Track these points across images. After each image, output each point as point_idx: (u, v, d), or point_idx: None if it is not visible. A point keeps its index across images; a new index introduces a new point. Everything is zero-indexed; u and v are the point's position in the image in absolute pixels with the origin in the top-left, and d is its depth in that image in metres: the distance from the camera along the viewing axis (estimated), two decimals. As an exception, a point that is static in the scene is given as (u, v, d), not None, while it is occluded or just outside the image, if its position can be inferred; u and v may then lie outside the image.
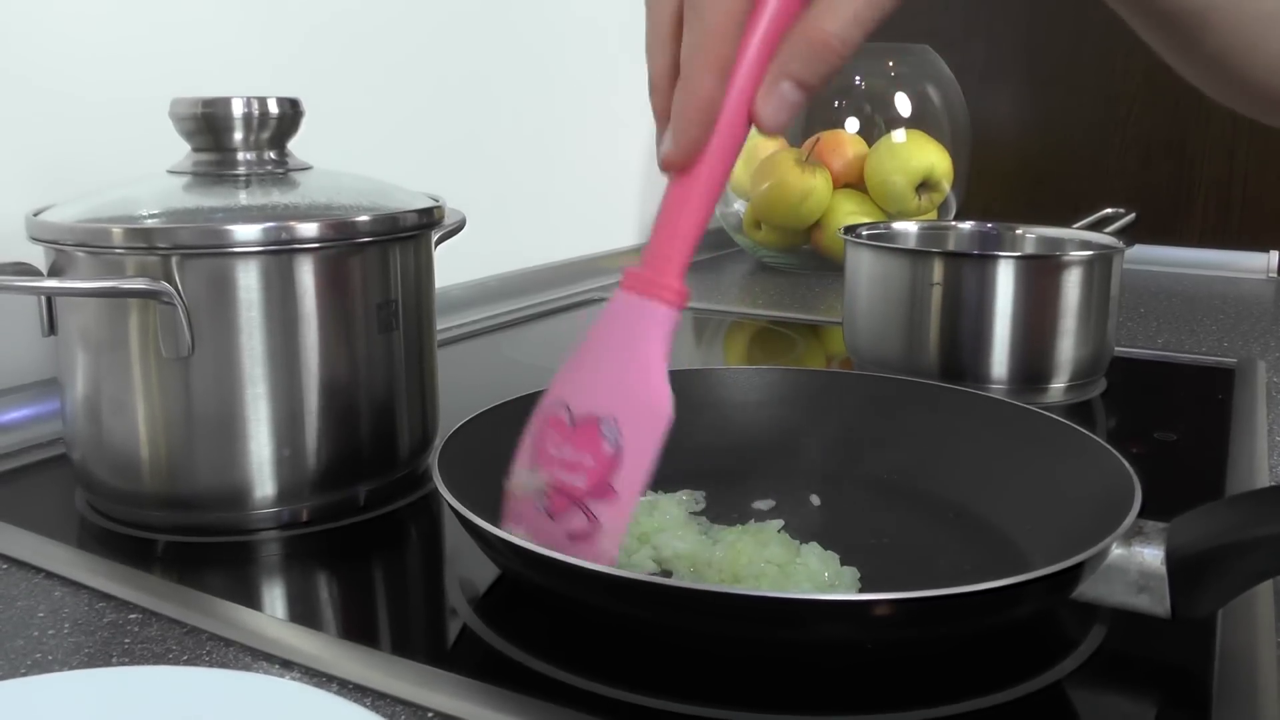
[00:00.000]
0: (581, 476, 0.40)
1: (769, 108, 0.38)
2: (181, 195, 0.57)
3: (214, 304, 0.53)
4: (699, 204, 0.39)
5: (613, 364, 0.41)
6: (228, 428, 0.54)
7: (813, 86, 0.38)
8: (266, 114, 0.58)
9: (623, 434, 0.40)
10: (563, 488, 0.41)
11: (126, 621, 0.47)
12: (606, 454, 0.40)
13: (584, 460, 0.40)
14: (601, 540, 0.41)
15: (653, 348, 0.40)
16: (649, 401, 0.40)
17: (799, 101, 0.38)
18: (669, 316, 0.40)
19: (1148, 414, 0.80)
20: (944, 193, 1.30)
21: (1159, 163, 1.48)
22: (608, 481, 0.40)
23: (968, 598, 0.37)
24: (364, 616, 0.50)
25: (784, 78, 0.38)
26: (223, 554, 0.54)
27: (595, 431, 0.40)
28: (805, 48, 0.38)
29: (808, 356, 0.98)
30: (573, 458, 0.41)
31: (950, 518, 0.55)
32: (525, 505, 0.43)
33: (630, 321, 0.40)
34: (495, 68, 1.12)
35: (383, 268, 0.58)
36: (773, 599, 0.39)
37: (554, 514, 0.41)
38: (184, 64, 0.80)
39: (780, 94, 0.38)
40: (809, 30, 0.38)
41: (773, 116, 0.38)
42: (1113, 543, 0.42)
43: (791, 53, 0.38)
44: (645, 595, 0.39)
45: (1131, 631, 0.45)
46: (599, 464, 0.40)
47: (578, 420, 0.41)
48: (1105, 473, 0.49)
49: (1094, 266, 0.77)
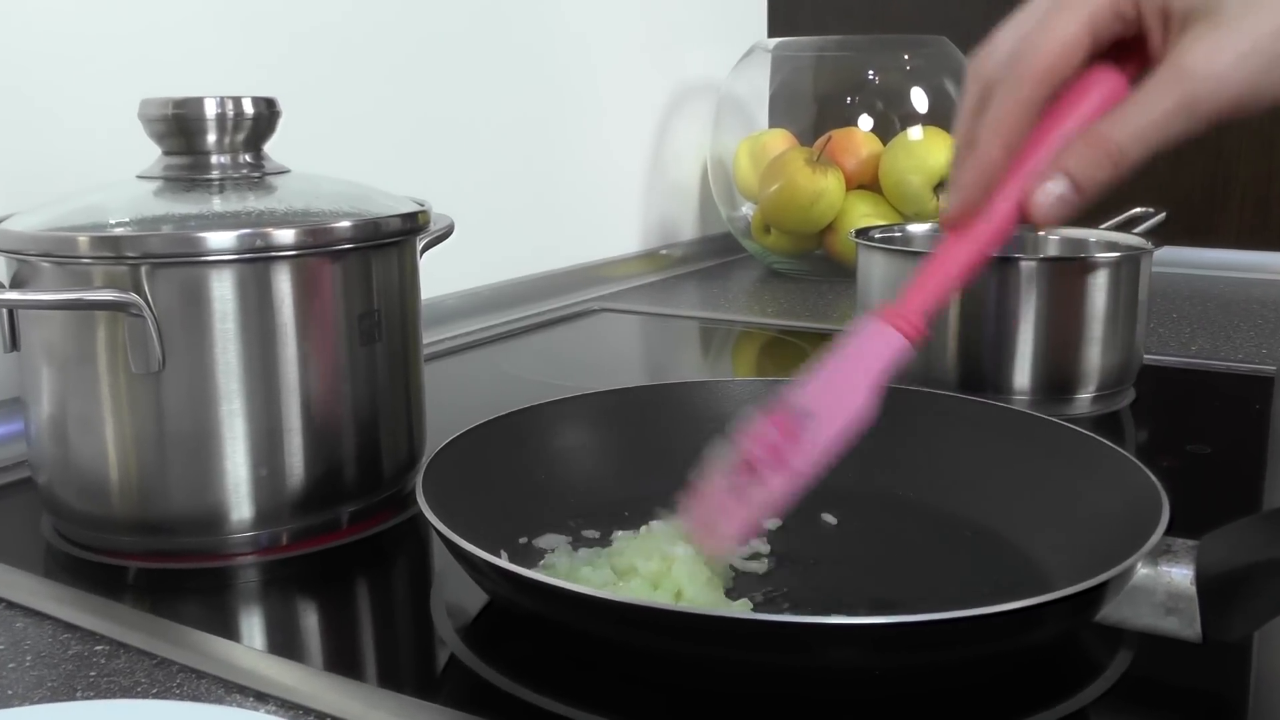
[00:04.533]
0: (771, 454, 0.48)
1: (1041, 196, 0.44)
2: (151, 201, 0.58)
3: (186, 316, 0.53)
4: (962, 261, 0.46)
5: (837, 370, 0.48)
6: (202, 447, 0.54)
7: (1085, 189, 0.43)
8: (241, 115, 0.58)
9: (818, 424, 0.47)
10: (752, 458, 0.48)
11: (93, 653, 0.47)
12: (797, 437, 0.47)
13: (776, 439, 0.48)
14: (756, 505, 0.47)
15: (874, 363, 0.47)
16: (850, 404, 0.47)
17: (1070, 200, 0.44)
18: (899, 343, 0.47)
19: (1179, 426, 0.79)
20: (963, 193, 1.30)
21: (1191, 158, 1.48)
22: (787, 459, 0.47)
23: (983, 620, 0.37)
24: (346, 646, 0.50)
25: (1060, 171, 0.43)
26: (196, 581, 0.54)
27: (796, 420, 0.48)
28: (1086, 150, 0.43)
29: (819, 367, 0.98)
30: (772, 438, 0.48)
31: (967, 536, 0.55)
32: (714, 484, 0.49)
33: (866, 339, 0.48)
34: (489, 67, 1.12)
35: (364, 276, 0.58)
36: (775, 622, 0.39)
37: (734, 478, 0.48)
38: (156, 68, 0.80)
39: (1055, 187, 0.44)
40: (1094, 134, 0.43)
41: (1042, 206, 0.44)
42: (1139, 561, 0.42)
43: (1073, 151, 0.43)
44: (636, 619, 0.39)
45: (1159, 656, 0.44)
46: (790, 445, 0.47)
47: (791, 410, 0.48)
48: (1131, 487, 0.49)
49: (1121, 269, 0.77)
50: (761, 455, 0.48)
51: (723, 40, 1.50)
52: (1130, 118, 0.42)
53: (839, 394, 0.48)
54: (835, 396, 0.48)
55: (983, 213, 0.45)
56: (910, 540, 0.56)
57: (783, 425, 0.48)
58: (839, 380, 0.48)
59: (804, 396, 0.48)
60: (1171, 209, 0.96)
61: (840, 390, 0.48)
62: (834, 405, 0.47)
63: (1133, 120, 0.42)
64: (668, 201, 1.44)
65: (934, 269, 0.47)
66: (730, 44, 1.47)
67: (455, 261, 0.85)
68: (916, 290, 0.47)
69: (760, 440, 0.48)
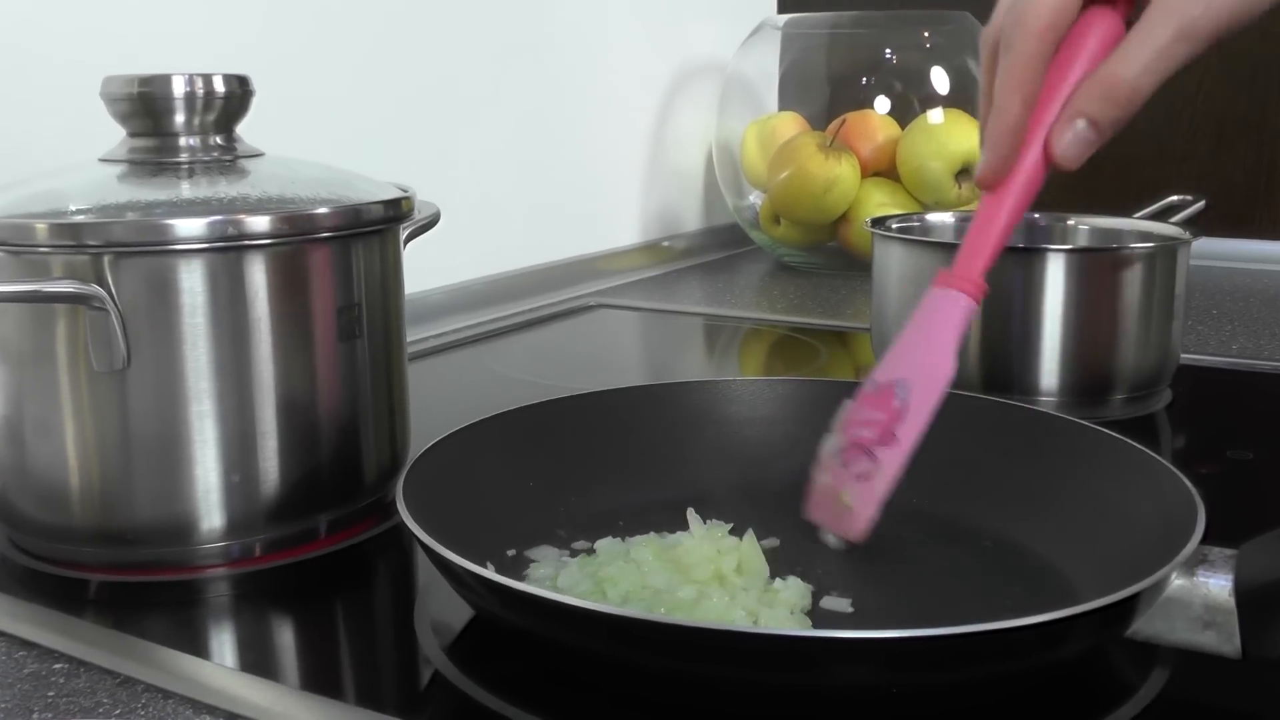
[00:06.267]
0: (873, 429, 0.52)
1: (1063, 141, 0.49)
2: (115, 186, 0.58)
3: (152, 309, 0.53)
4: (1006, 219, 0.52)
5: (915, 340, 0.53)
6: (169, 451, 0.54)
7: (1104, 128, 0.48)
8: (212, 93, 0.59)
9: (911, 392, 0.52)
10: (858, 440, 0.53)
11: (51, 672, 0.47)
12: (896, 409, 0.52)
13: (877, 416, 0.52)
14: (878, 480, 0.52)
15: (948, 326, 0.52)
16: (935, 366, 0.52)
17: (1092, 139, 0.49)
18: (967, 304, 0.52)
19: (1219, 430, 0.80)
20: (988, 180, 1.30)
21: (1234, 143, 1.48)
22: (892, 431, 0.52)
23: (1005, 635, 0.37)
24: (323, 663, 0.50)
25: (1078, 116, 0.49)
26: (163, 594, 0.54)
27: (890, 392, 0.52)
28: (1099, 90, 0.48)
29: (832, 366, 0.98)
30: (870, 416, 0.53)
31: (988, 546, 0.55)
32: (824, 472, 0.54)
33: (935, 307, 0.53)
34: (478, 43, 1.12)
35: (344, 267, 0.58)
36: (780, 637, 0.39)
37: (847, 463, 0.53)
38: (121, 43, 0.80)
39: (1075, 130, 0.49)
40: (1103, 73, 0.48)
41: (1066, 149, 0.49)
42: (1173, 572, 0.42)
43: (1086, 93, 0.48)
44: (631, 633, 0.39)
45: (1196, 674, 0.45)
46: (889, 417, 0.52)
47: (880, 386, 0.53)
48: (1165, 494, 0.49)
49: (1156, 261, 0.77)
50: (869, 435, 0.52)
51: (729, 16, 1.50)
52: (1134, 53, 0.47)
53: (926, 362, 0.53)
54: (923, 365, 0.53)
55: (1013, 167, 0.51)
56: (927, 551, 0.56)
57: (880, 402, 0.53)
58: (922, 349, 0.53)
59: (893, 370, 0.53)
60: (1212, 196, 0.97)
61: (926, 358, 0.53)
62: (924, 373, 0.52)
63: (1136, 55, 0.47)
64: (670, 190, 1.44)
65: (980, 228, 0.53)
66: (737, 20, 1.47)
67: (441, 253, 0.85)
68: (970, 252, 0.52)
69: (863, 421, 0.53)
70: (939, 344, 0.52)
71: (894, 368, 0.53)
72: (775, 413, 0.64)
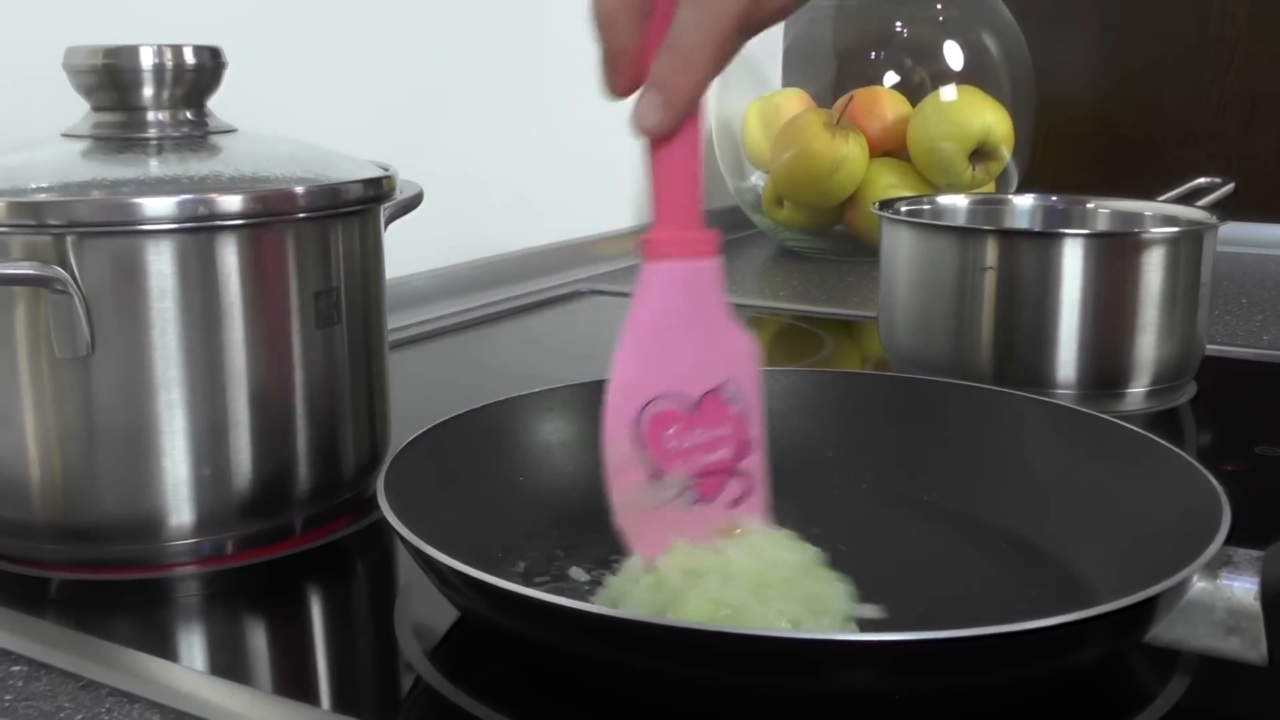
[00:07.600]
0: (726, 448, 0.49)
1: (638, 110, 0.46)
2: (79, 163, 0.58)
3: (118, 293, 0.53)
4: (691, 159, 0.47)
5: (688, 333, 0.48)
6: (136, 443, 0.54)
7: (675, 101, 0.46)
8: (182, 65, 0.59)
9: (740, 389, 0.49)
10: (709, 469, 0.49)
11: (8, 675, 0.47)
12: (737, 414, 0.49)
13: (721, 432, 0.49)
14: (756, 493, 0.50)
15: (715, 301, 0.48)
16: (741, 349, 0.49)
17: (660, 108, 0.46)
18: (713, 267, 0.48)
19: (1247, 424, 0.80)
20: (1003, 161, 1.31)
21: (1265, 123, 1.48)
22: (746, 438, 0.49)
23: (1017, 638, 0.37)
24: (298, 667, 0.50)
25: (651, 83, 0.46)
26: (129, 594, 0.54)
27: (719, 401, 0.48)
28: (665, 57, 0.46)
29: (839, 357, 0.98)
30: (707, 437, 0.49)
31: (1003, 547, 0.55)
32: (665, 517, 0.49)
33: (680, 288, 0.48)
34: (463, 18, 1.12)
35: (321, 250, 0.58)
36: (780, 639, 0.39)
37: (708, 497, 0.49)
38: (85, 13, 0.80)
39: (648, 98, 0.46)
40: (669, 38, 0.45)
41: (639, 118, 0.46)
42: (1195, 573, 0.42)
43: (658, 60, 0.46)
44: (625, 635, 0.40)
45: (1218, 682, 0.45)
46: (735, 427, 0.49)
47: (698, 402, 0.48)
48: (1188, 493, 0.49)
49: (1180, 246, 0.77)
50: (725, 456, 0.49)
51: (731, -13, 1.49)
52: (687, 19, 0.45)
53: (722, 349, 0.49)
54: (723, 353, 0.49)
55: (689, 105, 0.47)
56: (938, 550, 0.56)
57: (715, 416, 0.49)
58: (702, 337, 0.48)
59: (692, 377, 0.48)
60: (1240, 179, 0.97)
61: (718, 345, 0.49)
62: (737, 362, 0.49)
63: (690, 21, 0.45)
64: (667, 170, 1.44)
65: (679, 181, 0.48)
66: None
67: (424, 236, 0.85)
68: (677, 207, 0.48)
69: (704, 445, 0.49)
70: (723, 326, 0.49)
71: (697, 374, 0.48)
72: (778, 405, 0.64)
